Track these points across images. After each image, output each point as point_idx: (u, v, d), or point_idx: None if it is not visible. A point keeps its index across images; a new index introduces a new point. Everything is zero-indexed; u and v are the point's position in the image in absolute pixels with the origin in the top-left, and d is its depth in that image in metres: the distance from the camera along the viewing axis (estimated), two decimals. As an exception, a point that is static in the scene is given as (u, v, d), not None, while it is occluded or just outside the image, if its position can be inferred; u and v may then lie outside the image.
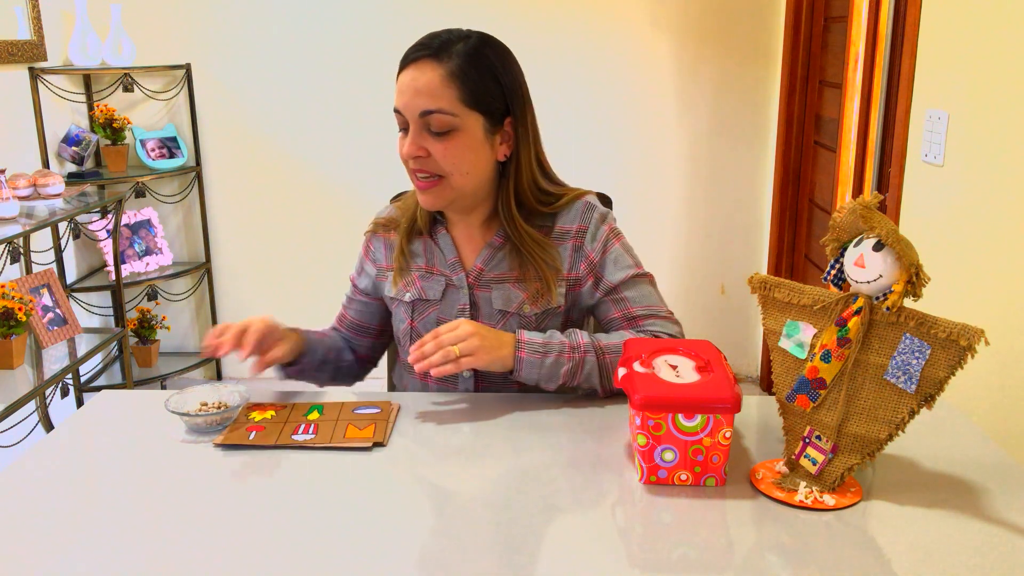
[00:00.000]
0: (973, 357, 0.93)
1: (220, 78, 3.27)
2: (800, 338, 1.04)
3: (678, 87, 3.25)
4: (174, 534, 0.94)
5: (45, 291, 2.58)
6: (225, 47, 3.24)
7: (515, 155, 1.33)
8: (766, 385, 3.39)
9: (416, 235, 1.42)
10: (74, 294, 3.06)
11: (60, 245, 2.96)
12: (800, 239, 3.12)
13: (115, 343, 3.04)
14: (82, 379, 3.04)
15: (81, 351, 2.59)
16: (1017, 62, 1.53)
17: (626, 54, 3.22)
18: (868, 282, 0.97)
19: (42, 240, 2.89)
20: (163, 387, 3.23)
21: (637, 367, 1.07)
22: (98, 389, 3.03)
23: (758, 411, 1.26)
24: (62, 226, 2.95)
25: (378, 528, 0.95)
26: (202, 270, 3.41)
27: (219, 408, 1.22)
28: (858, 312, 0.98)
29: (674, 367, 1.08)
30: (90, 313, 3.18)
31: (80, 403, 2.92)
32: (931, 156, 1.81)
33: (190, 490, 1.04)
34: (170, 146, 3.26)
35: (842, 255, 1.02)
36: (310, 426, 1.19)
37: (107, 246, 3.11)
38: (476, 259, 1.37)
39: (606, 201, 1.52)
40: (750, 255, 3.39)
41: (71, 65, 3.03)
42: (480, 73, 1.26)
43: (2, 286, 2.34)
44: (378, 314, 1.50)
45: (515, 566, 0.87)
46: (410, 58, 1.28)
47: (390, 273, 1.42)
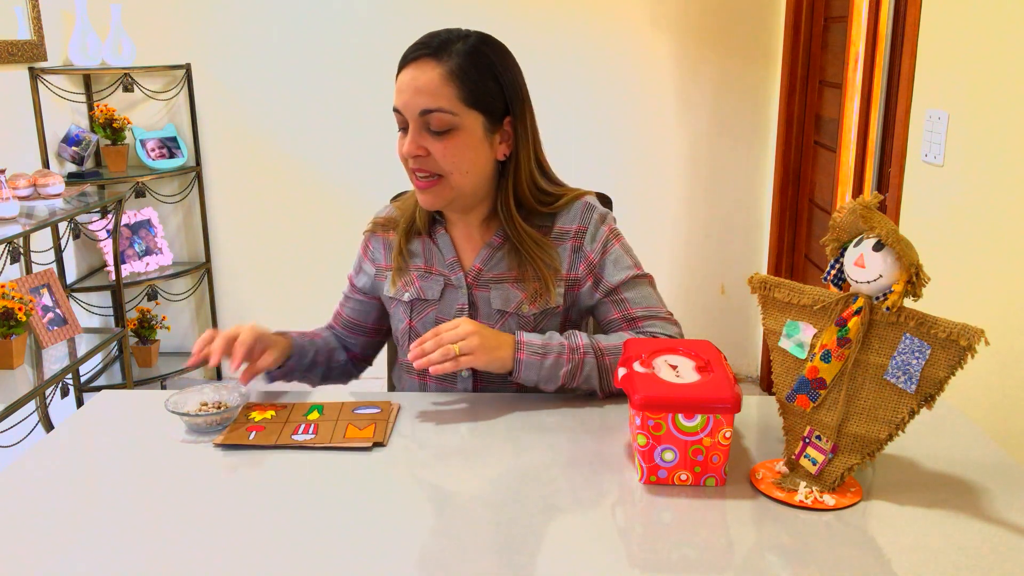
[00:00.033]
0: (973, 357, 0.93)
1: (220, 78, 3.27)
2: (800, 338, 1.04)
3: (678, 87, 3.25)
4: (174, 534, 0.94)
5: (45, 291, 2.58)
6: (225, 47, 3.24)
7: (514, 154, 1.33)
8: (766, 385, 3.39)
9: (415, 235, 1.42)
10: (74, 294, 3.06)
11: (60, 245, 2.96)
12: (800, 239, 3.12)
13: (115, 343, 3.04)
14: (82, 379, 3.04)
15: (81, 351, 2.59)
16: (1017, 62, 1.53)
17: (626, 54, 3.22)
18: (868, 282, 0.97)
19: (42, 240, 2.88)
20: (163, 387, 3.23)
21: (637, 367, 1.07)
22: (98, 389, 3.03)
23: (758, 411, 1.26)
24: (62, 226, 2.95)
25: (378, 528, 0.95)
26: (202, 270, 3.41)
27: (219, 408, 1.22)
28: (858, 312, 0.98)
29: (674, 367, 1.08)
30: (90, 313, 3.18)
31: (80, 403, 2.92)
32: (931, 156, 1.81)
33: (190, 490, 1.04)
34: (170, 146, 3.26)
35: (842, 255, 1.02)
36: (310, 426, 1.19)
37: (107, 246, 3.11)
38: (475, 259, 1.37)
39: (606, 201, 1.52)
40: (750, 255, 3.39)
41: (71, 65, 3.03)
42: (480, 72, 1.26)
43: (2, 286, 2.34)
44: (374, 313, 1.50)
45: (515, 566, 0.87)
46: (409, 57, 1.27)
47: (389, 273, 1.42)
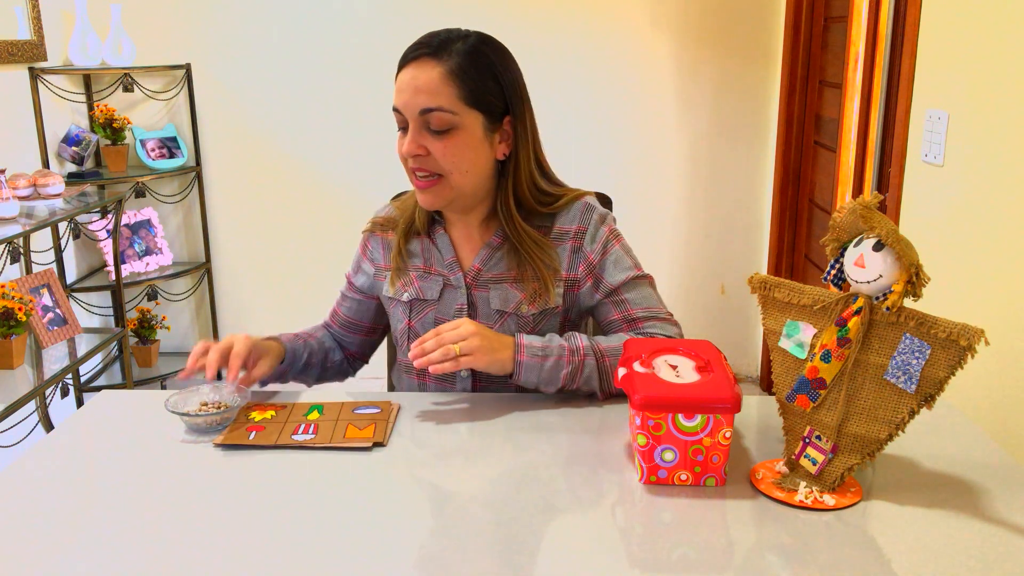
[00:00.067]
0: (973, 357, 0.93)
1: (220, 78, 3.27)
2: (800, 338, 1.04)
3: (678, 87, 3.25)
4: (174, 534, 0.94)
5: (45, 291, 2.58)
6: (225, 47, 3.24)
7: (514, 154, 1.33)
8: (766, 385, 3.39)
9: (414, 235, 1.42)
10: (74, 294, 3.06)
11: (60, 245, 2.96)
12: (800, 239, 3.12)
13: (115, 343, 3.04)
14: (82, 379, 3.04)
15: (81, 351, 2.59)
16: (1017, 62, 1.53)
17: (626, 54, 3.22)
18: (868, 282, 0.97)
19: (42, 240, 2.88)
20: (163, 387, 3.23)
21: (637, 367, 1.07)
22: (98, 389, 3.03)
23: (758, 411, 1.26)
24: (62, 226, 2.95)
25: (378, 528, 0.95)
26: (202, 270, 3.41)
27: (219, 408, 1.22)
28: (858, 312, 0.98)
29: (674, 367, 1.08)
30: (90, 313, 3.18)
31: (80, 403, 2.92)
32: (931, 156, 1.81)
33: (190, 490, 1.04)
34: (170, 146, 3.26)
35: (842, 255, 1.02)
36: (310, 426, 1.19)
37: (107, 246, 3.11)
38: (474, 259, 1.37)
39: (606, 201, 1.52)
40: (750, 255, 3.39)
41: (71, 65, 3.03)
42: (479, 72, 1.26)
43: (2, 286, 2.34)
44: (371, 312, 1.50)
45: (515, 566, 0.87)
46: (409, 57, 1.27)
47: (388, 273, 1.42)
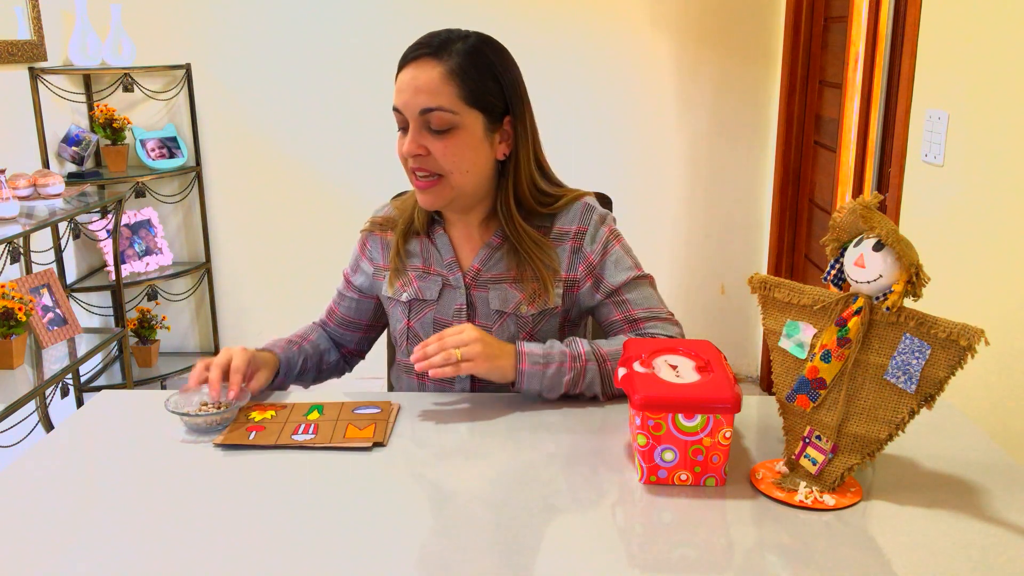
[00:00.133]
0: (973, 357, 0.93)
1: (220, 78, 3.27)
2: (800, 338, 1.04)
3: (678, 87, 3.25)
4: (174, 534, 0.94)
5: (45, 291, 2.58)
6: (225, 47, 3.24)
7: (514, 154, 1.33)
8: (766, 385, 3.39)
9: (413, 235, 1.42)
10: (74, 294, 3.06)
11: (60, 245, 2.96)
12: (800, 239, 3.12)
13: (115, 343, 3.04)
14: (82, 379, 3.04)
15: (81, 351, 2.59)
16: (1017, 62, 1.53)
17: (626, 54, 3.22)
18: (868, 282, 0.97)
19: (42, 240, 2.88)
20: (163, 387, 3.23)
21: (637, 367, 1.07)
22: (98, 389, 3.03)
23: (758, 411, 1.26)
24: (62, 226, 2.95)
25: (378, 528, 0.95)
26: (202, 270, 3.41)
27: (219, 408, 1.22)
28: (858, 312, 0.98)
29: (674, 367, 1.08)
30: (90, 313, 3.18)
31: (80, 403, 2.92)
32: (931, 156, 1.81)
33: (190, 490, 1.04)
34: (170, 146, 3.26)
35: (842, 255, 1.02)
36: (310, 426, 1.19)
37: (107, 246, 3.11)
38: (474, 259, 1.37)
39: (605, 202, 1.52)
40: (750, 255, 3.39)
41: (71, 65, 3.03)
42: (480, 71, 1.26)
43: (2, 286, 2.34)
44: (370, 311, 1.50)
45: (515, 566, 0.87)
46: (410, 57, 1.27)
47: (387, 273, 1.42)
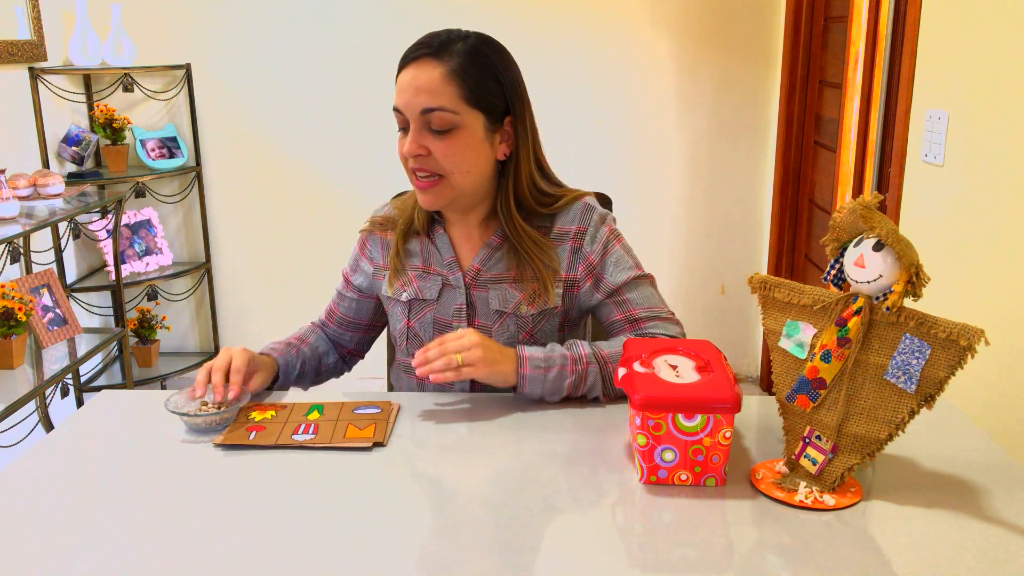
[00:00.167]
0: (973, 357, 0.93)
1: (220, 78, 3.27)
2: (800, 338, 1.04)
3: (678, 87, 3.25)
4: (174, 534, 0.94)
5: (45, 291, 2.58)
6: (225, 47, 3.24)
7: (514, 154, 1.33)
8: (766, 385, 3.39)
9: (413, 235, 1.42)
10: (74, 294, 3.06)
11: (60, 245, 2.96)
12: (800, 239, 3.12)
13: (115, 343, 3.04)
14: (82, 379, 3.04)
15: (81, 351, 2.59)
16: (1017, 62, 1.53)
17: (626, 54, 3.22)
18: (868, 282, 0.97)
19: (42, 240, 2.88)
20: (163, 387, 3.23)
21: (637, 367, 1.07)
22: (98, 389, 3.03)
23: (758, 411, 1.26)
24: (62, 226, 2.95)
25: (378, 528, 0.95)
26: (202, 270, 3.41)
27: (219, 408, 1.22)
28: (858, 312, 0.98)
29: (674, 367, 1.08)
30: (90, 313, 3.18)
31: (80, 403, 2.92)
32: (931, 156, 1.81)
33: (190, 490, 1.04)
34: (170, 146, 3.26)
35: (842, 255, 1.02)
36: (310, 426, 1.19)
37: (107, 246, 3.11)
38: (474, 259, 1.37)
39: (605, 202, 1.52)
40: (750, 255, 3.39)
41: (71, 65, 3.03)
42: (480, 71, 1.26)
43: (2, 286, 2.34)
44: (370, 311, 1.50)
45: (515, 566, 0.87)
46: (410, 57, 1.28)
47: (387, 272, 1.42)
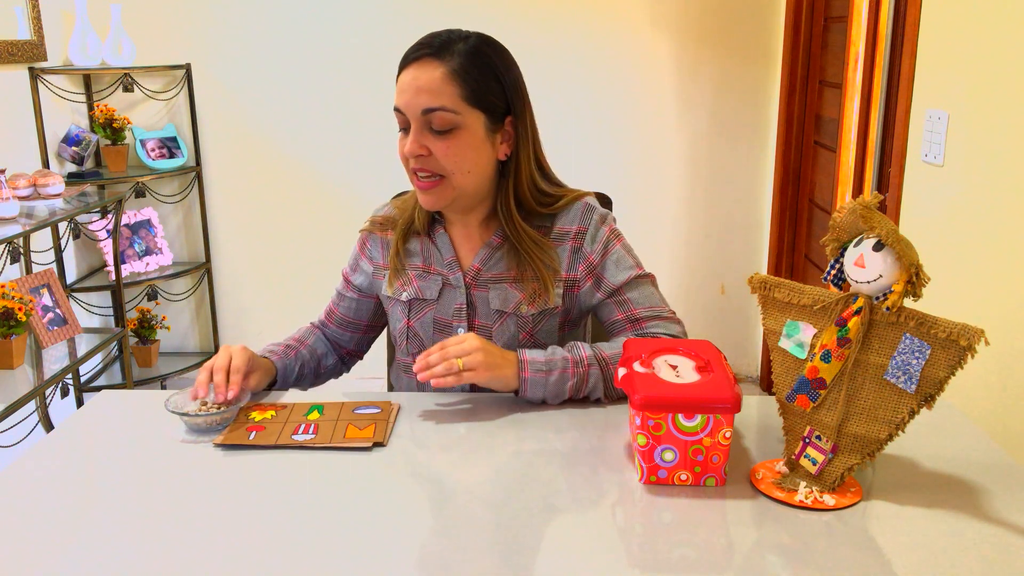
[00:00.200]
0: (973, 357, 0.93)
1: (220, 78, 3.27)
2: (800, 338, 1.04)
3: (678, 87, 3.25)
4: (174, 534, 0.94)
5: (45, 291, 2.58)
6: (225, 47, 3.24)
7: (515, 154, 1.33)
8: (766, 385, 3.39)
9: (413, 235, 1.42)
10: (74, 294, 3.06)
11: (60, 245, 2.96)
12: (800, 239, 3.12)
13: (115, 343, 3.04)
14: (82, 379, 3.04)
15: (81, 351, 2.59)
16: (1017, 62, 1.53)
17: (626, 54, 3.22)
18: (868, 282, 0.97)
19: (42, 240, 2.88)
20: (163, 387, 3.23)
21: (637, 367, 1.07)
22: (98, 389, 3.03)
23: (758, 411, 1.26)
24: (62, 226, 2.95)
25: (378, 528, 0.95)
26: (202, 270, 3.41)
27: (219, 408, 1.22)
28: (858, 312, 0.98)
29: (674, 367, 1.08)
30: (90, 313, 3.18)
31: (80, 403, 2.92)
32: (931, 156, 1.81)
33: (190, 490, 1.04)
34: (170, 146, 3.26)
35: (842, 255, 1.02)
36: (310, 426, 1.19)
37: (107, 246, 3.11)
38: (474, 259, 1.37)
39: (605, 202, 1.52)
40: (750, 255, 3.39)
41: (71, 65, 3.03)
42: (481, 71, 1.26)
43: (2, 286, 2.34)
44: (370, 311, 1.50)
45: (515, 566, 0.87)
46: (411, 57, 1.28)
47: (387, 272, 1.42)
